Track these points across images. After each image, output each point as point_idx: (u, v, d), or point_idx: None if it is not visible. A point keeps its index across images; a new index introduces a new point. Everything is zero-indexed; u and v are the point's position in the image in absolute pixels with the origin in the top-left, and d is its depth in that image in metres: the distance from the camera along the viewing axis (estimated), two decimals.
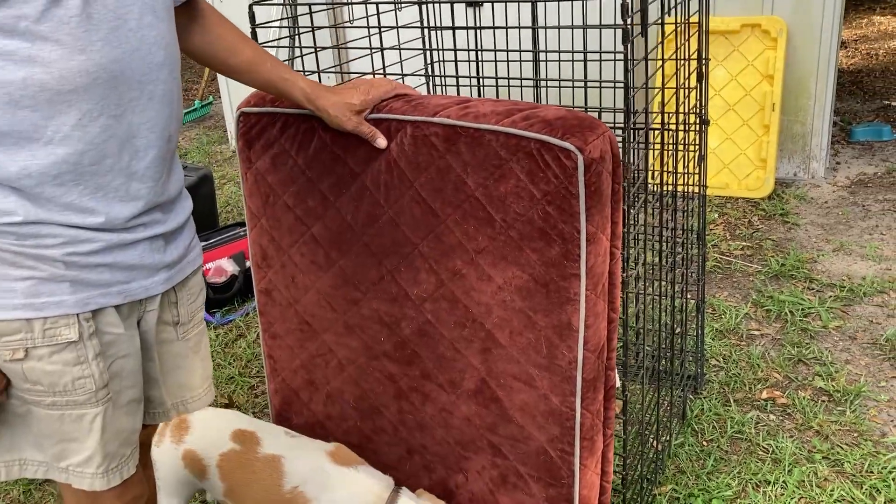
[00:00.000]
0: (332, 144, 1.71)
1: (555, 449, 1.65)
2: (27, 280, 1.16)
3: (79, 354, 1.21)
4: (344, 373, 1.86)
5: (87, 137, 1.15)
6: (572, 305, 1.56)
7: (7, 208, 1.14)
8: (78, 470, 1.27)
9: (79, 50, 1.10)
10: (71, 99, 1.12)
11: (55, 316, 1.18)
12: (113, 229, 1.22)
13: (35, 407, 1.23)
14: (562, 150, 1.48)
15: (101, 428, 1.26)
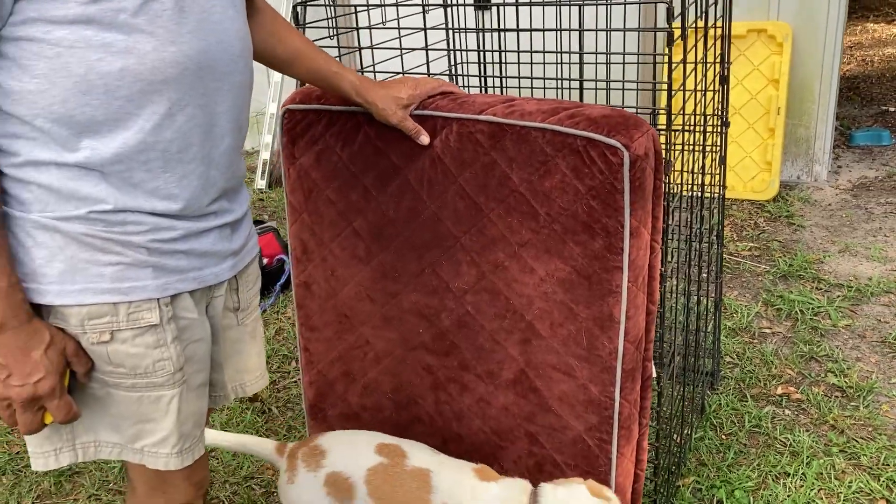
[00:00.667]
0: (377, 139, 1.76)
1: (592, 438, 1.70)
2: (115, 265, 1.21)
3: (159, 338, 1.25)
4: (381, 364, 1.90)
5: (175, 126, 1.20)
6: (614, 297, 1.61)
7: (99, 196, 1.18)
8: (153, 450, 1.31)
9: (170, 42, 1.15)
10: (162, 89, 1.16)
11: (139, 300, 1.23)
12: (190, 216, 1.27)
13: (115, 389, 1.26)
14: (608, 146, 1.53)
15: (177, 409, 1.30)
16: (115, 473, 2.36)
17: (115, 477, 2.36)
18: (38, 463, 1.29)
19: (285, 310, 3.25)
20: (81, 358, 1.22)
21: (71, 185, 1.16)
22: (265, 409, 2.63)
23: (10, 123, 1.14)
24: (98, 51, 1.11)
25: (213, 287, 1.36)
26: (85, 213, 1.18)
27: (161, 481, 1.37)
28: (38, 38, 1.09)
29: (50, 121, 1.13)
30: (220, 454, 2.41)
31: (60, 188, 1.16)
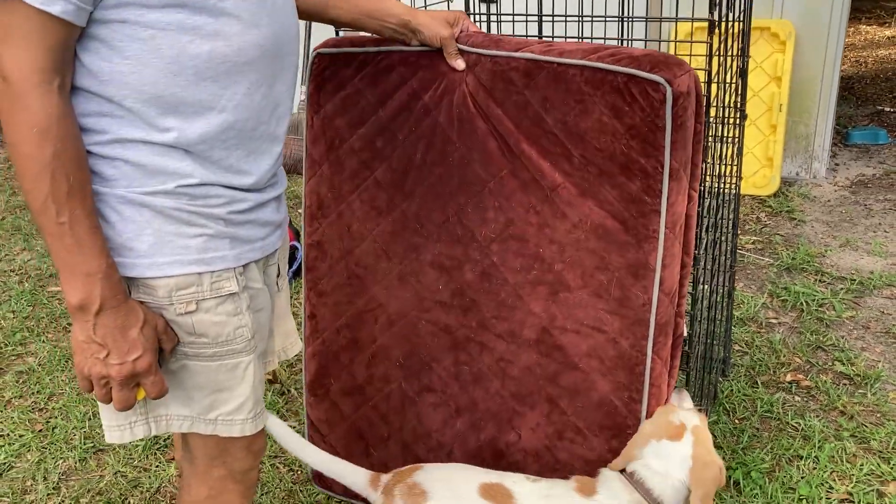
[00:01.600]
0: (411, 79, 1.70)
1: (620, 398, 1.63)
2: (199, 237, 1.23)
3: (237, 305, 1.28)
4: (393, 328, 1.83)
5: (251, 105, 1.24)
6: (650, 244, 1.55)
7: (185, 171, 1.21)
8: (228, 418, 1.33)
9: (254, 24, 1.20)
10: (244, 70, 1.21)
11: (220, 270, 1.25)
12: (257, 189, 1.31)
13: (193, 361, 1.28)
14: (650, 82, 1.48)
15: (253, 374, 1.33)
16: (139, 451, 2.39)
17: (140, 454, 2.38)
18: (114, 436, 1.31)
19: (297, 296, 3.28)
20: (169, 334, 1.24)
21: (158, 161, 1.19)
22: (284, 391, 2.66)
23: (96, 103, 1.15)
24: (189, 33, 1.14)
25: (268, 256, 1.41)
26: (173, 187, 1.20)
27: (222, 451, 1.39)
28: (132, 21, 1.11)
29: (140, 101, 1.15)
30: None
31: (148, 164, 1.19)
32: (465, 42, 1.65)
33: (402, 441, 1.87)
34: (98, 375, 1.19)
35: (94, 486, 2.25)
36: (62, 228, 1.12)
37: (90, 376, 1.20)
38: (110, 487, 2.24)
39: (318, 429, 1.97)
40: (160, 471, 2.30)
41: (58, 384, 2.74)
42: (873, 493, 2.08)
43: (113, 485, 2.25)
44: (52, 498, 2.22)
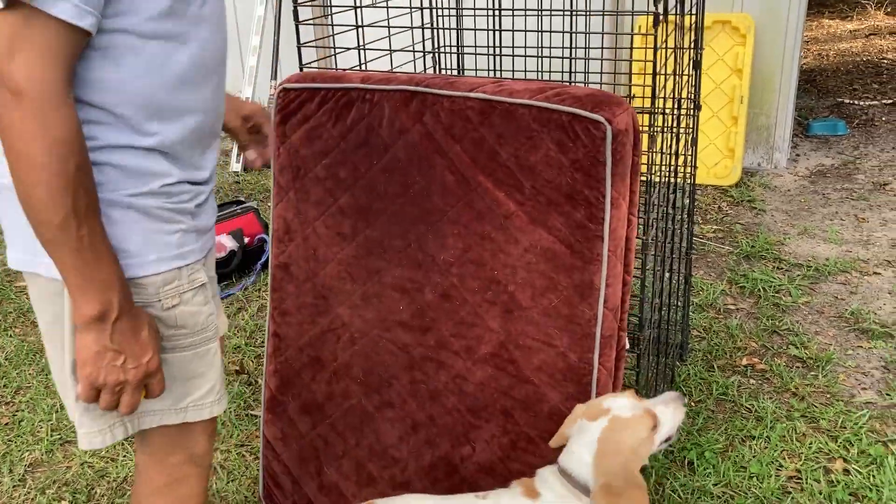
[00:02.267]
0: (369, 116, 1.83)
1: (569, 408, 1.75)
2: (176, 233, 1.29)
3: (206, 294, 1.35)
4: (355, 346, 1.93)
5: (212, 106, 1.32)
6: (595, 265, 1.71)
7: (165, 171, 1.26)
8: (199, 403, 1.38)
9: (219, 29, 1.30)
10: (213, 74, 1.29)
11: (193, 262, 1.32)
12: (207, 182, 1.36)
13: (171, 353, 1.33)
14: (592, 121, 1.63)
15: (218, 358, 1.41)
16: None
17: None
18: (95, 441, 1.32)
19: (267, 287, 3.31)
20: (159, 330, 1.30)
21: (143, 164, 1.24)
22: (251, 381, 2.69)
23: (85, 111, 1.17)
24: (175, 40, 1.20)
25: None
26: (157, 187, 1.25)
27: (184, 436, 1.43)
28: (129, 30, 1.15)
29: (130, 108, 1.19)
30: None
31: (133, 167, 1.23)
32: (421, 84, 1.78)
33: (356, 459, 1.98)
34: (115, 382, 1.21)
35: (60, 478, 2.28)
36: (82, 242, 1.13)
37: (104, 384, 1.21)
38: (77, 478, 2.27)
39: (272, 447, 2.07)
40: (127, 461, 2.33)
41: (25, 378, 2.76)
42: (820, 470, 2.17)
43: (80, 475, 2.28)
44: (17, 489, 2.24)
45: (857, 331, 2.88)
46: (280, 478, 2.05)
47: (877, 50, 7.16)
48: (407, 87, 1.80)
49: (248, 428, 2.47)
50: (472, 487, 1.87)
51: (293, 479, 2.03)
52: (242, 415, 2.53)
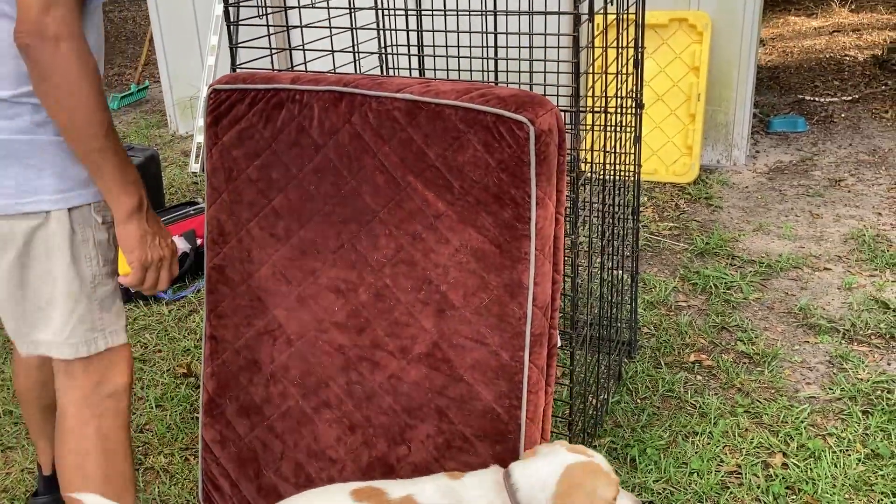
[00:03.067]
0: (299, 117, 1.83)
1: (502, 405, 1.78)
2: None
3: None
4: (291, 348, 1.92)
5: None
6: (523, 264, 1.71)
7: None
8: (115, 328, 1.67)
9: None
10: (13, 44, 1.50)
11: None
12: None
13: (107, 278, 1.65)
14: (515, 122, 1.63)
15: None
16: None
17: None
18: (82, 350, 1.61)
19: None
20: None
21: None
22: (198, 385, 2.68)
23: None
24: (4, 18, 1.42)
25: None
26: None
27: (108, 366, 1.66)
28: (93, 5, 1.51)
29: None
30: (155, 426, 2.46)
31: None
32: (349, 84, 1.78)
33: (295, 460, 1.98)
34: (159, 258, 1.60)
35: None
36: (119, 148, 1.51)
37: (151, 262, 1.58)
38: (16, 484, 2.25)
39: (211, 450, 2.06)
40: None
41: None
42: (760, 464, 2.19)
43: (19, 482, 2.26)
44: None
45: (805, 326, 2.91)
46: (219, 480, 2.04)
47: (840, 47, 7.24)
48: (335, 87, 1.79)
49: (193, 431, 2.45)
50: None
51: (232, 482, 2.02)
52: (188, 418, 2.52)
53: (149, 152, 3.82)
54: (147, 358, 2.85)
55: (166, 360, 2.83)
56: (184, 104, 5.43)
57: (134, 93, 6.39)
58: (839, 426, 2.35)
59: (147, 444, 2.40)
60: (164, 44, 5.37)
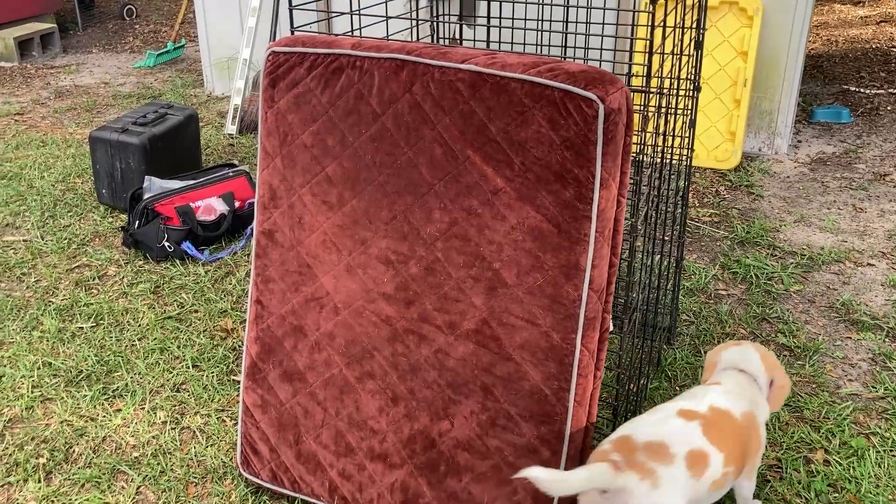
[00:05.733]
0: (358, 83, 1.80)
1: (550, 387, 1.76)
2: None
3: None
4: (338, 316, 1.91)
5: None
6: (581, 246, 1.68)
7: None
8: None
9: None
10: None
11: None
12: None
13: None
14: (584, 99, 1.59)
15: None
16: (87, 401, 2.41)
17: (87, 404, 2.40)
18: None
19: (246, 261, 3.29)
20: None
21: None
22: (235, 346, 2.68)
23: None
24: None
25: None
26: None
27: None
28: None
29: None
30: (191, 386, 2.47)
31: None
32: (412, 53, 1.73)
33: (336, 428, 1.97)
34: None
35: (39, 434, 2.27)
36: None
37: None
38: (55, 436, 2.26)
39: (251, 413, 2.06)
40: (107, 420, 2.33)
41: (8, 333, 2.75)
42: (801, 459, 2.16)
43: (58, 433, 2.27)
44: None
45: (847, 322, 2.86)
46: (258, 445, 2.04)
47: (887, 37, 7.08)
48: (398, 55, 1.76)
49: (230, 393, 2.46)
50: (449, 463, 1.86)
51: (271, 447, 2.02)
52: (225, 380, 2.52)
53: (188, 111, 3.81)
54: (183, 317, 2.85)
55: (202, 320, 2.83)
56: (221, 65, 5.40)
57: (170, 51, 6.37)
58: (883, 425, 2.31)
59: (183, 404, 2.41)
60: (203, 3, 5.33)
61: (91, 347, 2.67)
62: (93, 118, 5.06)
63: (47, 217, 3.62)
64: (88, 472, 2.14)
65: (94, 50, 6.86)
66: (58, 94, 5.58)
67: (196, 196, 3.30)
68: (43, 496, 2.07)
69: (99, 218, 3.62)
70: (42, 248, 3.33)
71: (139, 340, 2.72)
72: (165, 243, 3.17)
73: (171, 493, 2.08)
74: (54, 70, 6.21)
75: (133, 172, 3.53)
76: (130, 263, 3.22)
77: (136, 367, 2.57)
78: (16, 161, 4.29)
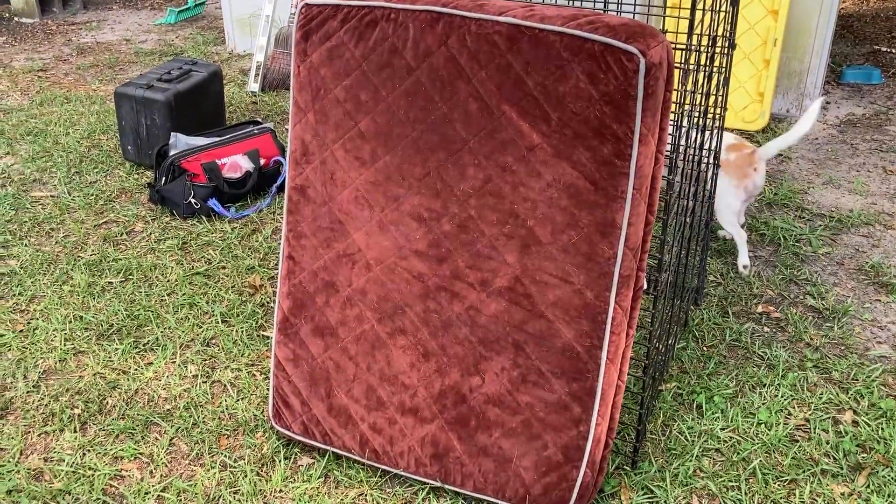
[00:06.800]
0: (393, 37, 1.77)
1: (582, 344, 1.76)
2: None
3: None
4: (370, 272, 1.92)
5: None
6: (618, 203, 1.67)
7: None
8: None
9: None
10: None
11: None
12: None
13: None
14: (624, 52, 1.57)
15: None
16: (119, 354, 2.44)
17: (119, 357, 2.43)
18: None
19: (282, 210, 3.30)
20: None
21: None
22: (263, 302, 2.70)
23: None
24: None
25: None
26: None
27: None
28: None
29: None
30: (221, 341, 2.49)
31: None
32: (448, 5, 1.70)
33: (367, 382, 1.99)
34: None
35: (73, 386, 2.30)
36: None
37: None
38: (89, 388, 2.30)
39: (283, 367, 2.08)
40: (139, 373, 2.35)
41: (39, 287, 2.77)
42: (829, 420, 2.16)
43: (92, 385, 2.31)
44: (31, 395, 2.27)
45: (877, 284, 2.84)
46: (290, 398, 2.06)
47: None
48: (433, 7, 1.73)
49: (259, 348, 2.48)
50: (479, 418, 1.88)
51: (302, 401, 2.05)
52: (254, 335, 2.54)
53: (212, 68, 3.79)
54: (211, 273, 2.87)
55: (230, 276, 2.84)
56: (242, 22, 5.36)
57: (191, 7, 6.32)
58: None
59: (214, 358, 2.43)
60: None
61: (121, 302, 2.70)
62: (115, 75, 5.06)
63: (73, 173, 3.63)
64: (122, 423, 2.18)
65: (114, 6, 6.83)
66: (80, 50, 5.57)
67: (222, 153, 3.30)
68: (79, 445, 2.11)
69: (125, 174, 3.64)
70: (69, 204, 3.35)
71: (168, 295, 2.74)
72: (192, 200, 3.18)
73: (204, 444, 2.11)
74: (75, 26, 6.19)
75: (158, 129, 3.53)
76: (157, 220, 3.24)
77: (166, 321, 2.60)
78: (41, 118, 4.30)
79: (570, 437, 1.81)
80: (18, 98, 4.64)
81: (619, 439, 2.09)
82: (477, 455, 1.90)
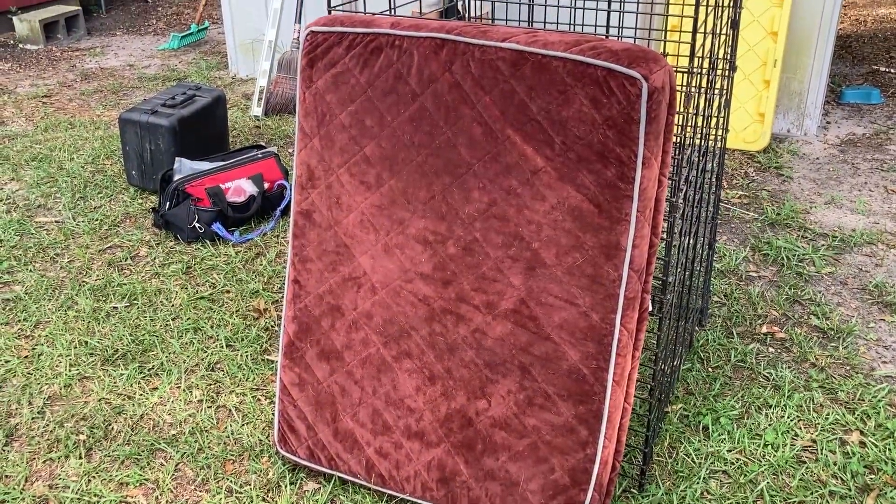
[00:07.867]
0: (397, 62, 1.79)
1: (588, 366, 1.76)
2: None
3: None
4: (375, 296, 1.92)
5: None
6: (622, 226, 1.68)
7: None
8: None
9: None
10: None
11: None
12: None
13: None
14: (627, 77, 1.58)
15: None
16: (124, 380, 2.44)
17: (124, 382, 2.43)
18: None
19: (286, 234, 3.31)
20: None
21: None
22: (268, 326, 2.70)
23: None
24: None
25: None
26: None
27: None
28: None
29: None
30: (226, 366, 2.49)
31: None
32: (452, 32, 1.73)
33: (373, 406, 1.99)
34: None
35: (78, 412, 2.30)
36: None
37: None
38: (94, 413, 2.29)
39: (288, 392, 2.08)
40: (144, 399, 2.35)
41: (44, 312, 2.78)
42: (836, 441, 2.15)
43: (97, 411, 2.30)
44: (36, 421, 2.27)
45: (881, 304, 2.84)
46: (295, 423, 2.06)
47: None
48: (438, 34, 1.75)
49: (264, 372, 2.48)
50: (486, 442, 1.87)
51: (308, 425, 2.04)
52: (259, 359, 2.54)
53: (216, 93, 3.82)
54: (216, 298, 2.87)
55: (234, 300, 2.85)
56: (245, 47, 5.40)
57: (194, 33, 6.38)
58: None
59: (219, 383, 2.43)
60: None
61: (126, 327, 2.70)
62: (119, 100, 5.09)
63: (78, 198, 3.65)
64: (128, 448, 2.17)
65: (117, 32, 6.88)
66: (84, 76, 5.61)
67: (226, 177, 3.32)
68: (84, 472, 2.10)
69: (129, 199, 3.65)
70: (74, 229, 3.37)
71: (173, 320, 2.74)
72: (196, 224, 3.19)
73: (210, 469, 2.10)
74: (79, 53, 6.24)
75: (162, 154, 3.55)
76: (161, 244, 3.25)
77: (171, 346, 2.60)
78: (45, 143, 4.33)
79: (576, 459, 1.80)
80: (23, 124, 4.67)
81: (626, 462, 2.09)
82: (484, 479, 1.89)
